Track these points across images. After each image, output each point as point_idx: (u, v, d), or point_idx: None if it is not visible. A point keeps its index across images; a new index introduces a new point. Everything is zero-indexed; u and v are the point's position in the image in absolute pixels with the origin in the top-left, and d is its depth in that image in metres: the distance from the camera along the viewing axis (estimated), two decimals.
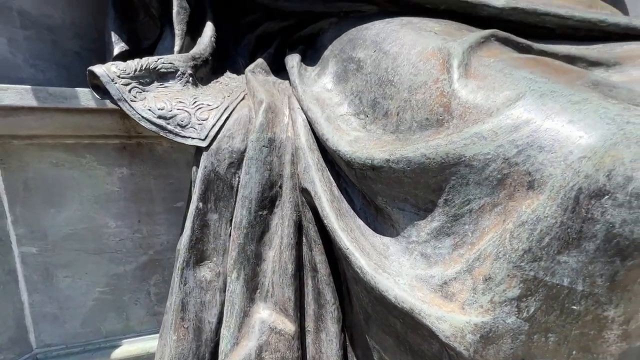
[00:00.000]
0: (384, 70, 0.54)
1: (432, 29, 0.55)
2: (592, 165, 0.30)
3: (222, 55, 0.87)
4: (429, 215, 0.43)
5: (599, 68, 0.53)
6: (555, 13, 0.56)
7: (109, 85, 0.58)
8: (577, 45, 0.57)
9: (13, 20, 0.72)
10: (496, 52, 0.47)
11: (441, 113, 0.43)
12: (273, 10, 0.81)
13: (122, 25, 0.75)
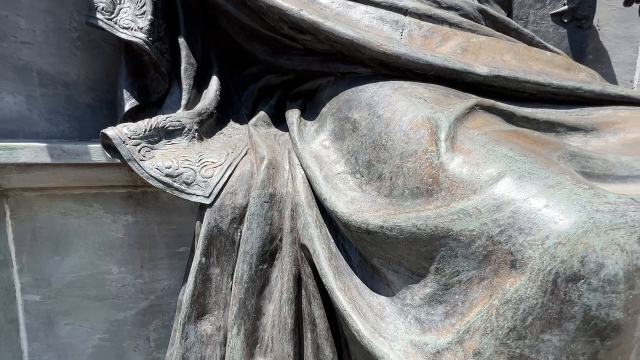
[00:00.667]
0: (377, 134, 0.58)
1: (422, 95, 0.59)
2: (567, 252, 0.32)
3: (226, 105, 0.92)
4: (422, 280, 0.45)
5: (578, 132, 0.57)
6: (534, 81, 0.61)
7: (120, 146, 0.62)
8: (557, 109, 0.61)
9: (32, 80, 0.77)
10: (480, 123, 0.51)
11: (430, 184, 0.46)
12: (274, 66, 0.87)
13: (133, 82, 0.80)
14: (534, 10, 1.19)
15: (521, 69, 0.64)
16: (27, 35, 0.76)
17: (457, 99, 0.58)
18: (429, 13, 0.75)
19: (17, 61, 0.74)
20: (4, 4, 0.72)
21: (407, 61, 0.64)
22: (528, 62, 0.68)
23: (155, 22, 0.79)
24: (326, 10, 0.77)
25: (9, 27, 0.73)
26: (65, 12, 0.82)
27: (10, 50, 0.73)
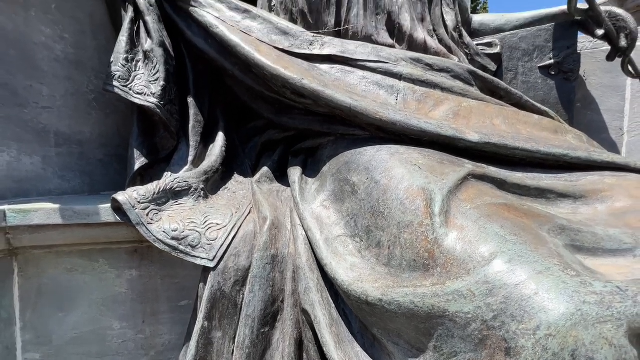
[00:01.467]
0: (375, 200, 0.60)
1: (417, 161, 0.63)
2: (558, 344, 0.34)
3: (231, 157, 0.96)
4: (422, 355, 0.46)
5: (567, 199, 0.59)
6: (522, 148, 0.64)
7: (130, 212, 0.65)
8: (547, 173, 0.64)
9: (49, 141, 0.82)
10: (473, 194, 0.54)
11: (427, 258, 0.48)
12: (277, 123, 0.92)
13: (143, 141, 0.85)
14: (522, 63, 1.27)
15: (510, 135, 0.67)
16: (48, 101, 0.81)
17: (450, 166, 0.61)
18: (422, 78, 0.81)
19: (37, 125, 0.79)
20: (30, 75, 0.78)
21: (402, 128, 0.69)
22: (517, 126, 0.72)
23: (167, 87, 0.85)
24: (326, 76, 0.82)
25: (32, 95, 0.78)
26: (84, 77, 0.88)
27: (32, 115, 0.78)
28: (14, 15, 0.75)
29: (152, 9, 0.86)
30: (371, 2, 0.96)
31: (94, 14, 0.90)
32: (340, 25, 0.95)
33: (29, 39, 0.78)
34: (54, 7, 0.82)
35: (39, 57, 0.79)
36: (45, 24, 0.80)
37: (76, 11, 0.86)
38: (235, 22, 0.87)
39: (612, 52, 1.13)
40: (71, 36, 0.85)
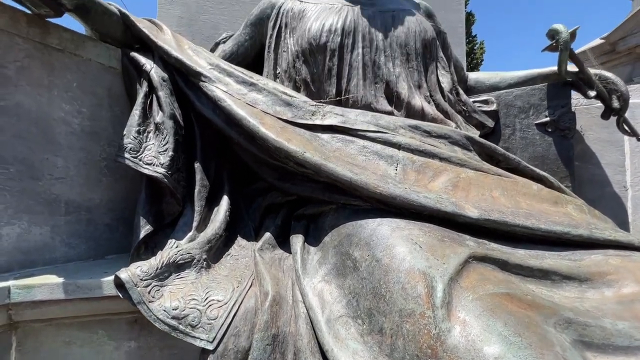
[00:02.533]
0: (377, 280, 0.60)
1: (417, 239, 0.63)
2: None
3: (235, 219, 0.97)
4: None
5: (572, 282, 0.58)
6: (523, 225, 0.64)
7: (132, 290, 0.65)
8: (550, 250, 0.64)
9: (59, 210, 0.84)
10: (475, 280, 0.53)
11: (430, 355, 0.47)
12: (280, 188, 0.94)
13: (150, 209, 0.87)
14: (519, 119, 1.31)
15: (510, 210, 0.68)
16: (62, 171, 0.85)
17: (451, 246, 0.61)
18: (421, 148, 0.84)
19: (49, 195, 0.82)
20: (47, 149, 0.82)
21: (402, 202, 0.70)
22: (516, 198, 0.73)
23: (175, 157, 0.88)
24: (327, 146, 0.86)
25: (47, 167, 0.82)
26: (98, 147, 0.93)
27: (45, 187, 0.82)
28: (38, 96, 0.81)
29: (165, 84, 0.93)
30: (370, 73, 1.02)
31: (111, 88, 0.97)
32: (341, 94, 1.01)
33: (50, 116, 0.83)
34: (75, 85, 0.88)
35: (57, 132, 0.84)
36: (66, 100, 0.86)
37: (95, 87, 0.93)
38: (241, 95, 0.92)
39: (607, 112, 1.17)
40: (88, 109, 0.91)
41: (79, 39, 0.89)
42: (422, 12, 1.25)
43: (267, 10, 1.18)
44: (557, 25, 1.13)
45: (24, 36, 0.79)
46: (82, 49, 0.90)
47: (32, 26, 0.80)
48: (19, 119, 0.78)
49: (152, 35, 0.96)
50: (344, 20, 1.03)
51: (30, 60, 0.80)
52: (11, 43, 0.77)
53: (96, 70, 0.93)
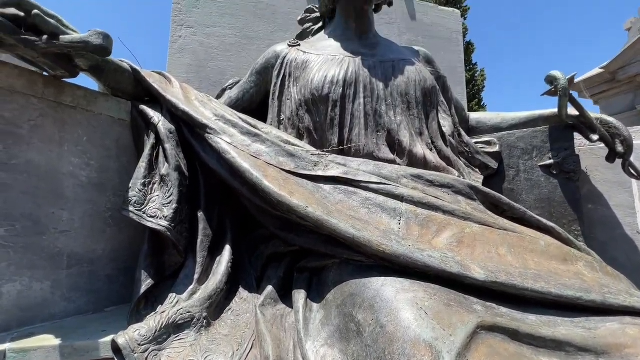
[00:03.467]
0: (381, 350, 0.57)
1: (423, 303, 0.61)
2: None
3: (237, 267, 0.95)
4: None
5: (588, 354, 0.55)
6: (532, 289, 0.62)
7: (129, 357, 0.63)
8: (562, 316, 0.61)
9: (62, 264, 0.84)
10: (484, 355, 0.51)
11: None
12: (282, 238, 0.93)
13: (152, 262, 0.86)
14: (522, 161, 1.30)
15: (518, 272, 0.66)
16: (67, 225, 0.86)
17: (458, 311, 0.59)
18: (424, 201, 0.83)
19: (53, 250, 0.83)
20: (54, 203, 0.84)
21: (406, 261, 0.68)
22: (524, 256, 0.71)
23: (179, 208, 0.89)
24: (330, 198, 0.86)
25: (52, 222, 0.83)
26: (104, 197, 0.94)
27: (49, 241, 0.82)
28: (49, 152, 0.84)
29: (172, 136, 0.96)
30: (372, 122, 1.04)
31: (120, 139, 1.00)
32: (344, 143, 1.02)
33: (59, 171, 0.85)
34: (85, 139, 0.91)
35: (65, 185, 0.86)
36: (75, 154, 0.89)
37: (105, 139, 0.96)
38: (245, 146, 0.94)
39: (611, 155, 1.16)
40: (97, 162, 0.93)
41: (92, 95, 0.93)
42: (421, 58, 1.29)
43: (272, 60, 1.23)
44: (554, 73, 1.15)
45: (40, 96, 0.83)
46: (94, 105, 0.93)
47: (48, 87, 0.84)
48: (29, 175, 0.79)
49: (161, 89, 1.00)
50: (346, 71, 1.07)
51: (44, 119, 0.83)
52: (27, 104, 0.81)
53: (106, 124, 0.96)
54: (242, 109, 1.28)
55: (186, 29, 1.52)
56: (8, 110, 0.77)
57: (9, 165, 0.77)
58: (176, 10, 1.53)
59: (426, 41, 1.86)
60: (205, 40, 1.54)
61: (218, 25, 1.56)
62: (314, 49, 1.20)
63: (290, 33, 1.61)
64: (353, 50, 1.16)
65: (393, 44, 1.30)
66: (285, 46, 1.25)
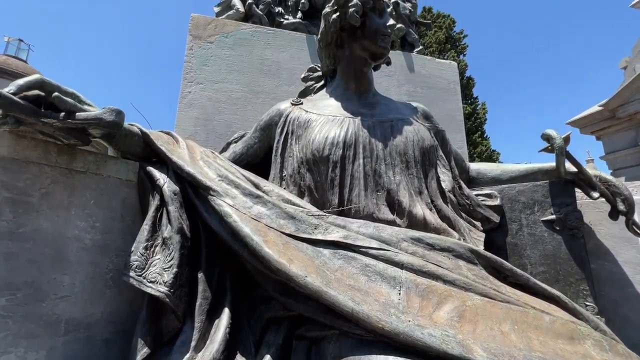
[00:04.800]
0: None
1: None
2: None
3: (235, 329, 0.93)
4: None
5: None
6: None
7: None
8: None
9: (59, 331, 0.83)
10: None
11: None
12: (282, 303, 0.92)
13: (149, 328, 0.85)
14: (524, 215, 1.30)
15: (522, 354, 0.64)
16: (67, 290, 0.86)
17: None
18: (424, 269, 0.83)
19: (51, 317, 0.82)
20: (57, 268, 0.85)
21: (406, 340, 0.67)
22: (528, 334, 0.69)
23: (179, 273, 0.89)
24: (329, 264, 0.85)
25: (53, 288, 0.84)
26: (106, 259, 0.95)
27: (48, 308, 0.82)
28: (56, 218, 0.86)
29: (176, 197, 0.98)
30: (371, 181, 1.06)
31: (126, 199, 1.02)
32: (344, 204, 1.04)
33: (64, 235, 0.87)
34: (92, 203, 0.94)
35: (69, 250, 0.87)
36: (81, 218, 0.91)
37: (111, 201, 0.98)
38: (247, 209, 0.96)
39: (614, 212, 1.16)
40: (102, 223, 0.95)
41: (102, 159, 0.98)
42: (419, 115, 1.34)
43: (275, 117, 1.29)
44: (550, 132, 1.18)
45: (53, 164, 0.87)
46: (104, 168, 0.97)
47: (61, 155, 0.89)
48: (35, 243, 0.81)
49: (168, 151, 1.04)
50: (346, 132, 1.11)
51: (55, 185, 0.87)
52: (40, 172, 0.84)
53: (114, 185, 1.00)
54: (245, 163, 1.32)
55: (196, 85, 1.61)
56: (22, 180, 0.81)
57: (16, 234, 0.79)
58: (187, 67, 1.63)
59: (425, 92, 1.93)
60: (213, 95, 1.62)
61: (226, 81, 1.65)
62: (315, 109, 1.26)
63: (294, 87, 1.69)
64: (353, 111, 1.21)
65: (391, 101, 1.36)
66: (288, 104, 1.31)
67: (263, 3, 1.91)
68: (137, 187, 1.06)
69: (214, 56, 1.67)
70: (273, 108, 1.33)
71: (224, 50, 1.69)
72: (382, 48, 1.23)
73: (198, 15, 1.70)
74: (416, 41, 2.15)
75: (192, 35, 1.67)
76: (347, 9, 1.20)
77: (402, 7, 2.18)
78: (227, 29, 1.73)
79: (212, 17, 1.77)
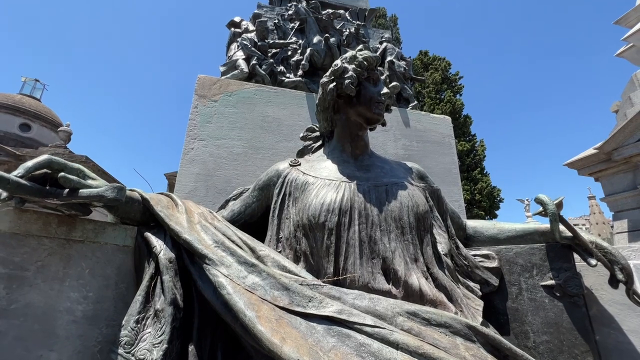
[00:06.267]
0: None
1: None
2: None
3: None
4: None
5: None
6: None
7: None
8: None
9: None
10: None
11: None
12: None
13: None
14: (523, 278, 1.28)
15: None
16: None
17: None
18: (420, 350, 0.80)
19: None
20: (44, 344, 0.83)
21: None
22: None
23: (169, 349, 0.87)
24: (322, 343, 0.83)
25: None
26: (95, 331, 0.93)
27: None
28: (50, 290, 0.86)
29: (171, 265, 0.98)
30: (366, 249, 1.07)
31: (121, 265, 1.02)
32: (339, 273, 1.03)
33: (56, 309, 0.86)
34: (87, 272, 0.94)
35: (59, 324, 0.86)
36: (75, 289, 0.91)
37: (106, 268, 0.98)
38: (241, 279, 0.95)
39: (613, 280, 1.14)
40: (95, 293, 0.95)
41: (100, 227, 0.99)
42: (414, 175, 1.37)
43: (274, 178, 1.32)
44: (542, 197, 1.21)
45: (52, 236, 0.88)
46: (102, 235, 0.99)
47: (61, 225, 0.90)
48: (25, 319, 0.81)
49: (166, 217, 1.06)
50: (341, 198, 1.13)
51: (51, 257, 0.88)
52: (38, 245, 0.86)
53: (110, 252, 1.00)
54: (243, 222, 1.33)
55: (199, 141, 1.67)
56: (19, 254, 0.82)
57: (8, 311, 0.78)
58: (191, 125, 1.70)
59: (420, 145, 1.99)
60: (215, 150, 1.68)
61: (228, 137, 1.72)
62: (313, 171, 1.29)
63: (293, 143, 1.75)
64: (349, 174, 1.25)
65: (387, 162, 1.40)
66: (287, 165, 1.35)
67: (266, 63, 2.04)
68: (134, 252, 1.06)
69: (218, 114, 1.75)
70: (271, 168, 1.37)
71: (227, 108, 1.77)
72: (376, 115, 1.29)
73: (204, 76, 1.81)
74: (411, 96, 2.26)
75: (197, 94, 1.76)
76: (343, 80, 1.28)
77: (397, 65, 2.32)
78: (231, 88, 1.83)
79: (217, 78, 1.88)
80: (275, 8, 2.46)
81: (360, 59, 1.30)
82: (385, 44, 2.42)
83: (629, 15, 5.91)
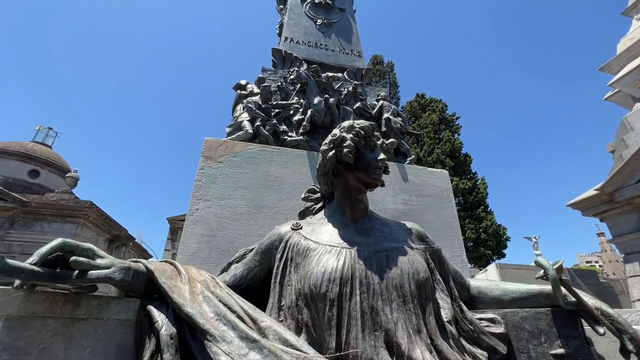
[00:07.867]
0: None
1: None
2: None
3: None
4: None
5: None
6: None
7: None
8: None
9: None
10: None
11: None
12: None
13: None
14: (532, 345, 1.24)
15: None
16: None
17: None
18: None
19: None
20: None
21: None
22: None
23: None
24: None
25: None
26: None
27: None
28: None
29: (172, 342, 0.97)
30: (369, 320, 1.06)
31: (122, 341, 1.02)
32: (341, 347, 1.02)
33: None
34: (88, 351, 0.93)
35: None
36: None
37: (107, 346, 0.98)
38: (242, 356, 0.94)
39: (624, 350, 1.11)
40: None
41: (104, 302, 1.00)
42: (414, 237, 1.40)
43: (276, 242, 1.35)
44: (541, 261, 1.21)
45: (57, 316, 0.89)
46: (105, 311, 0.99)
47: (67, 304, 0.92)
48: None
49: (169, 288, 1.08)
50: (342, 266, 1.14)
51: (54, 339, 0.88)
52: (42, 327, 0.87)
53: (112, 328, 1.00)
54: (245, 287, 1.33)
55: (204, 202, 1.73)
56: (23, 338, 0.83)
57: None
58: (197, 186, 1.76)
59: (419, 200, 2.04)
60: (218, 211, 1.72)
61: (232, 197, 1.77)
62: (314, 235, 1.32)
63: (295, 201, 1.80)
64: (349, 239, 1.28)
65: (386, 224, 1.43)
66: (288, 228, 1.38)
67: (269, 124, 2.16)
68: (135, 326, 1.06)
69: (223, 174, 1.83)
70: (273, 232, 1.40)
71: (231, 169, 1.85)
72: (374, 180, 1.35)
73: (211, 139, 1.91)
74: (408, 151, 2.35)
75: (204, 156, 1.85)
76: (342, 149, 1.36)
77: (394, 122, 2.44)
78: (236, 149, 1.92)
79: (223, 140, 1.98)
80: (278, 71, 2.66)
81: (358, 128, 1.39)
82: (382, 102, 2.58)
83: (611, 64, 6.27)
